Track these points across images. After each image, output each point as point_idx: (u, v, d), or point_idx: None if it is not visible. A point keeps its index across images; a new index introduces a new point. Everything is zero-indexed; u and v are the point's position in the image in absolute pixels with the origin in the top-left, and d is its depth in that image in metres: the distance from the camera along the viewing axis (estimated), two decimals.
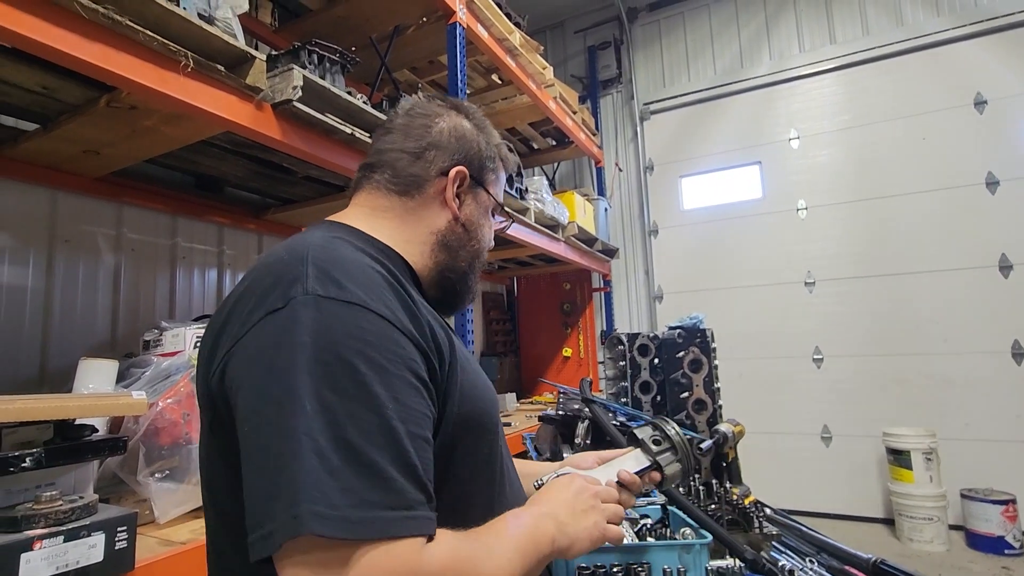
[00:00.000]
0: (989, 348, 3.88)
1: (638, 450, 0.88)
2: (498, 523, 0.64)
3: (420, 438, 0.55)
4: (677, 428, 0.88)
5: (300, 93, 1.50)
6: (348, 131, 1.73)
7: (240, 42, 1.39)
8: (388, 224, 0.79)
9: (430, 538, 0.53)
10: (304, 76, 1.51)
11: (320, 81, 1.60)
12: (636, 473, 0.83)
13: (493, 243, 0.90)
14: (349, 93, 1.74)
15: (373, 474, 0.50)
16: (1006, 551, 3.39)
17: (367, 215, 0.79)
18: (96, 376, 1.41)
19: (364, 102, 1.79)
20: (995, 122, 3.97)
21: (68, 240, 1.94)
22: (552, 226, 3.53)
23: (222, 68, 1.36)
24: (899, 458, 3.75)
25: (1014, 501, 3.45)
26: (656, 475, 0.87)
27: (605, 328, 5.03)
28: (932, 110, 4.15)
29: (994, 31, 4.00)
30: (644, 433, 0.89)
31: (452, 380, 0.65)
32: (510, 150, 0.92)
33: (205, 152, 1.92)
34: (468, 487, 0.68)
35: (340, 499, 0.48)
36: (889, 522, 3.94)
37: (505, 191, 3.04)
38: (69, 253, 1.94)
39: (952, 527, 3.65)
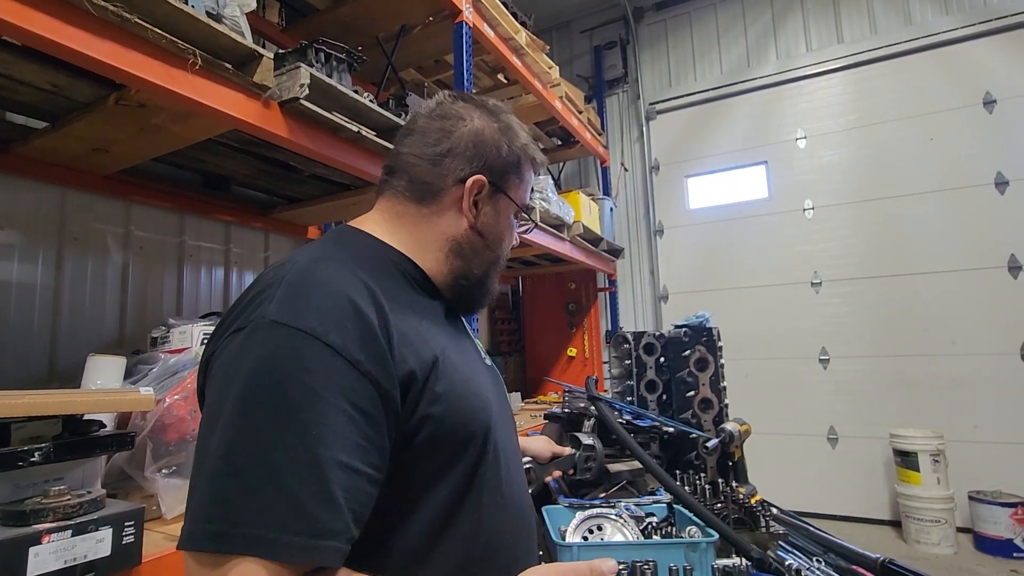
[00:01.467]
0: (997, 349, 3.85)
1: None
2: None
3: (347, 467, 0.55)
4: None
5: (307, 91, 1.50)
6: (355, 129, 1.73)
7: (248, 40, 1.40)
8: (404, 231, 0.80)
9: (333, 572, 0.54)
10: (311, 74, 1.52)
11: (327, 79, 1.60)
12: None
13: (515, 243, 0.90)
14: (356, 91, 1.74)
15: (284, 497, 0.51)
16: (1015, 554, 3.36)
17: (385, 221, 0.81)
18: (104, 372, 1.42)
19: (371, 100, 1.79)
20: (1004, 122, 3.94)
21: (77, 238, 1.95)
22: (558, 225, 3.52)
23: (230, 66, 1.37)
24: (906, 460, 3.72)
25: (1023, 504, 3.42)
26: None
27: (610, 328, 5.02)
28: (941, 110, 4.12)
29: (1003, 30, 3.97)
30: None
31: (424, 400, 0.64)
32: (539, 147, 0.92)
33: (212, 150, 1.93)
34: (448, 499, 0.66)
35: (247, 516, 0.50)
36: (896, 524, 3.92)
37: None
38: (78, 251, 1.96)
39: (960, 530, 3.62)
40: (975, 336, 3.91)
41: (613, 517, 1.19)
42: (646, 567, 1.01)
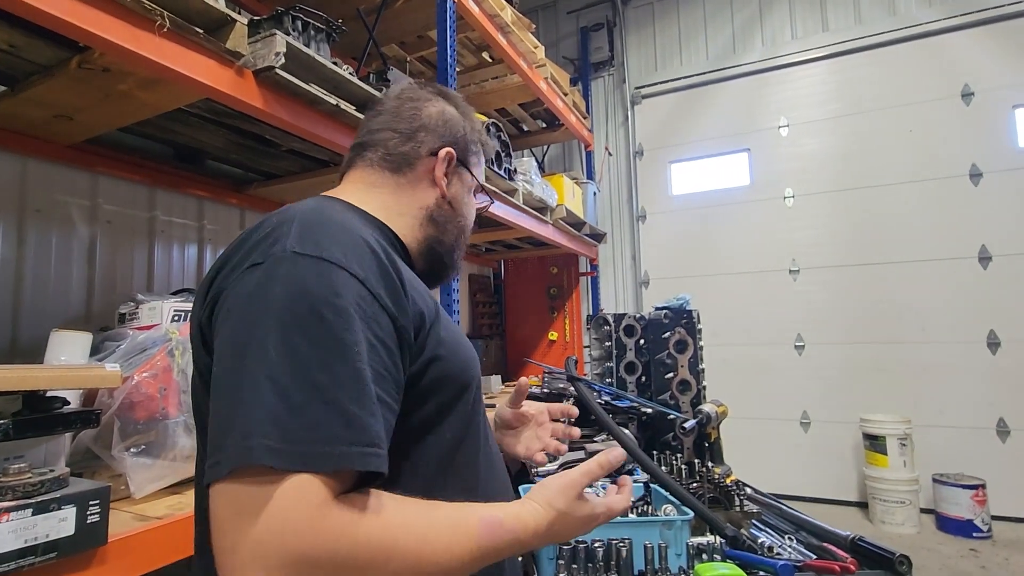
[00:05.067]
0: (965, 338, 3.96)
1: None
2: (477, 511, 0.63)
3: (381, 388, 0.57)
4: None
5: (283, 60, 1.44)
6: (333, 102, 1.68)
7: (220, 3, 1.34)
8: (380, 198, 0.83)
9: (381, 480, 0.56)
10: (287, 43, 1.46)
11: (304, 49, 1.54)
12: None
13: (473, 221, 0.96)
14: (335, 64, 1.69)
15: (337, 412, 0.52)
16: (974, 534, 3.50)
17: (360, 190, 0.84)
18: (68, 348, 1.37)
19: (350, 73, 1.74)
20: (981, 114, 4.02)
21: (40, 210, 1.87)
22: (540, 208, 3.50)
23: (200, 31, 1.31)
24: (875, 443, 3.84)
25: (984, 486, 3.56)
26: None
27: (591, 313, 5.04)
28: (920, 100, 4.18)
29: (984, 22, 4.03)
30: None
31: (430, 341, 0.67)
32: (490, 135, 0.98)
33: (184, 121, 1.86)
34: (450, 444, 0.70)
35: (299, 434, 0.51)
36: (863, 505, 4.05)
37: (494, 171, 3.04)
38: (41, 223, 1.88)
39: (923, 510, 3.76)
40: (944, 324, 4.02)
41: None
42: (621, 545, 1.01)
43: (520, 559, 0.88)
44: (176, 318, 1.56)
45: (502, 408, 1.06)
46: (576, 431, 1.03)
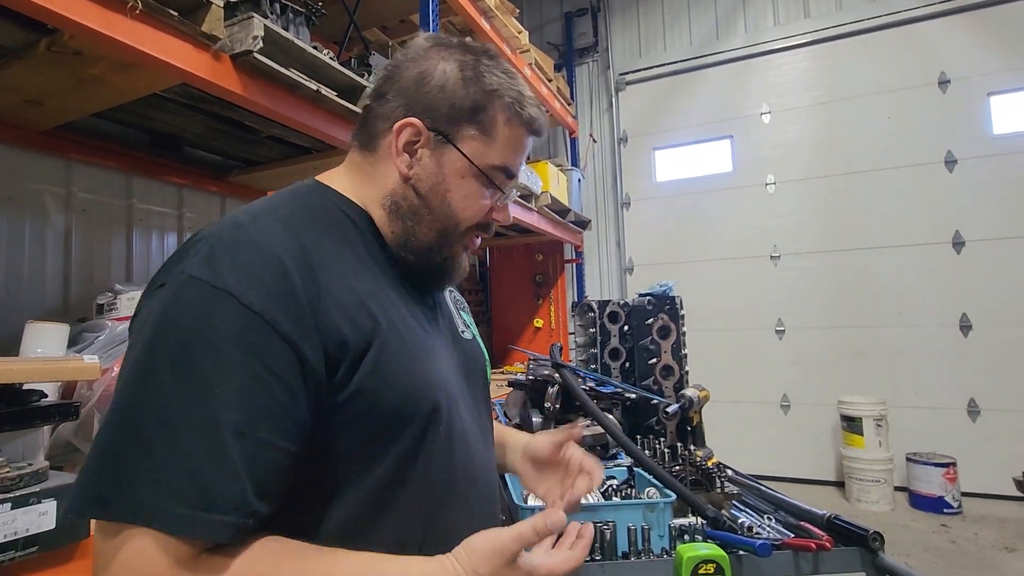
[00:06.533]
0: (939, 321, 4.07)
1: None
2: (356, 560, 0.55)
3: (251, 433, 0.51)
4: None
5: (261, 44, 1.41)
6: (313, 88, 1.65)
7: None
8: (355, 181, 0.73)
9: (230, 546, 0.49)
10: (265, 26, 1.43)
11: (283, 33, 1.51)
12: None
13: (476, 215, 0.73)
14: (315, 48, 1.65)
15: (178, 459, 0.48)
16: (945, 510, 3.63)
17: (344, 172, 0.75)
18: (45, 340, 1.34)
19: (331, 58, 1.71)
20: (957, 101, 4.08)
21: (12, 198, 1.82)
22: (525, 195, 3.49)
23: (175, 13, 1.27)
24: (852, 425, 3.94)
25: (955, 464, 3.68)
26: None
27: (576, 299, 5.07)
28: (899, 88, 4.24)
29: (962, 10, 4.08)
30: None
31: (360, 370, 0.59)
32: (538, 107, 0.74)
33: (160, 107, 1.81)
34: (390, 479, 0.61)
35: (129, 486, 0.47)
36: (840, 485, 4.17)
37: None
38: (13, 212, 1.83)
39: (897, 488, 3.88)
40: (919, 308, 4.12)
41: None
42: (605, 527, 1.03)
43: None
44: None
45: (541, 443, 0.87)
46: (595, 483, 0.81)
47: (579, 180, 4.76)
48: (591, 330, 1.88)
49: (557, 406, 1.52)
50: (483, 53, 0.72)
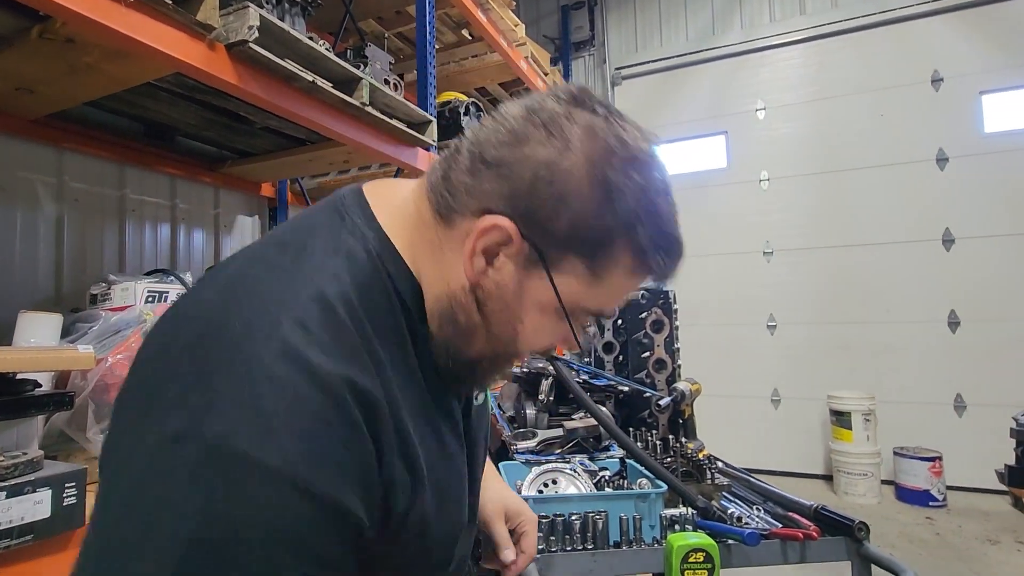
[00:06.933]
0: (927, 317, 4.12)
1: None
2: None
3: None
4: None
5: (256, 34, 1.40)
6: (309, 79, 1.64)
7: None
8: (414, 244, 0.54)
9: None
10: (261, 16, 1.42)
11: (279, 23, 1.50)
12: None
13: (536, 348, 0.58)
14: (311, 38, 1.64)
15: None
16: (930, 503, 3.69)
17: (408, 219, 0.55)
18: (38, 330, 1.34)
19: (327, 49, 1.70)
20: (949, 100, 4.12)
21: (3, 187, 1.80)
22: None
23: (169, 1, 1.26)
24: (840, 419, 3.99)
25: (940, 458, 3.74)
26: None
27: None
28: (892, 86, 4.26)
29: (956, 8, 4.10)
30: None
31: (409, 519, 0.49)
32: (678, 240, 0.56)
33: (154, 96, 1.80)
34: None
35: None
36: (828, 478, 4.22)
37: None
38: (4, 201, 1.81)
39: (884, 482, 3.94)
40: (908, 305, 4.17)
41: (568, 471, 1.23)
42: (598, 517, 1.05)
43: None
44: (150, 299, 1.54)
45: (488, 529, 0.79)
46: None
47: None
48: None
49: (551, 398, 1.54)
50: (634, 145, 0.52)
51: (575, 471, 1.24)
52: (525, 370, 1.58)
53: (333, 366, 0.42)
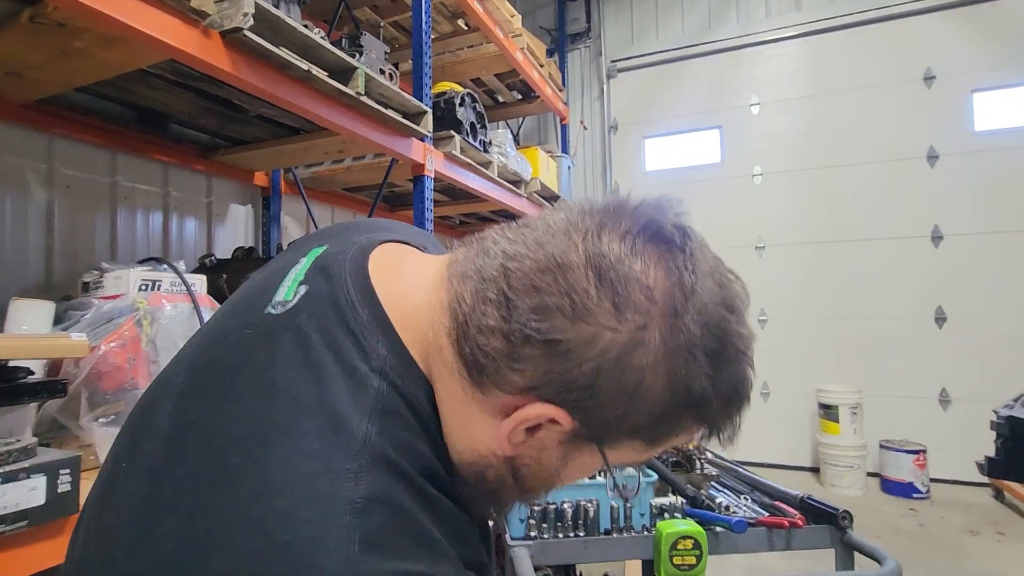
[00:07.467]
0: (915, 313, 4.17)
1: None
2: None
3: None
4: None
5: (251, 21, 1.39)
6: (304, 67, 1.63)
7: None
8: (438, 385, 0.47)
9: None
10: (256, 3, 1.41)
11: (274, 10, 1.49)
12: None
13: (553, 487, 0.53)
14: (306, 26, 1.63)
15: None
16: (914, 495, 3.76)
17: (431, 347, 0.47)
18: (30, 317, 1.33)
19: (322, 37, 1.69)
20: (941, 97, 4.15)
21: None
22: (515, 181, 3.49)
23: None
24: (828, 412, 4.05)
25: (924, 451, 3.81)
26: None
27: None
28: (885, 82, 4.29)
29: (949, 6, 4.12)
30: None
31: None
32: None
33: (146, 82, 1.78)
34: None
35: None
36: (815, 470, 4.29)
37: (469, 144, 2.99)
38: None
39: (870, 474, 4.01)
40: (896, 300, 4.23)
41: None
42: (589, 505, 1.07)
43: (492, 521, 0.69)
44: (143, 287, 1.53)
45: None
46: None
47: (569, 167, 4.75)
48: None
49: None
50: (720, 327, 0.44)
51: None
52: None
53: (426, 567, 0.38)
